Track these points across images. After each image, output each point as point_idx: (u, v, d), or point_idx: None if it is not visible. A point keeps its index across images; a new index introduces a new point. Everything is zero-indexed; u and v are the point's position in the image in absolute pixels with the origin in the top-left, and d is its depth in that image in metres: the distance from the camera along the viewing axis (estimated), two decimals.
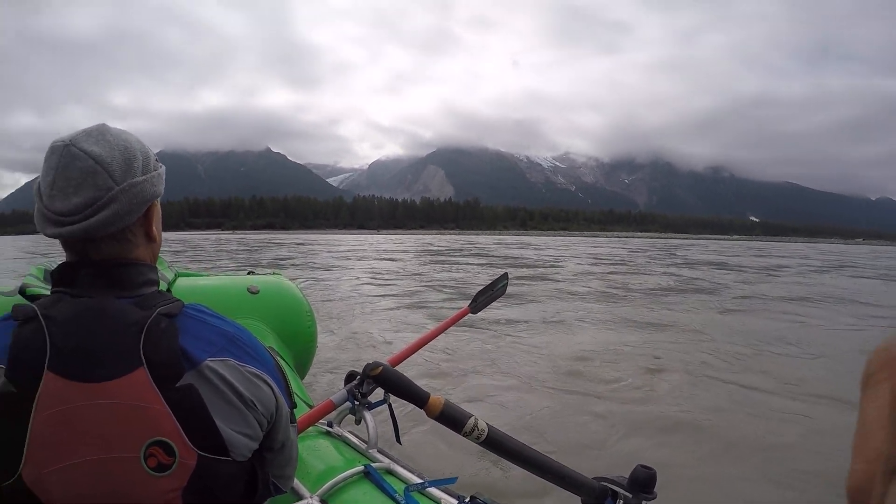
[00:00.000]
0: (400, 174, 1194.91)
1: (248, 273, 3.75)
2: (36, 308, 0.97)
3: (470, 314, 3.20)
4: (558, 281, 17.40)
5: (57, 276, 1.05)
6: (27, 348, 0.93)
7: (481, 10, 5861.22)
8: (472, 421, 1.71)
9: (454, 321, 3.02)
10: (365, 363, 1.99)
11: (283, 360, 2.89)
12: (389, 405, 2.01)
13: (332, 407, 2.05)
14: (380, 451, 1.93)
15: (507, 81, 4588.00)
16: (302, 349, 3.38)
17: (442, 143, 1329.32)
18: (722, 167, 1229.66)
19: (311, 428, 2.00)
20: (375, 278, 17.75)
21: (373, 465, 1.79)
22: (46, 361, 0.92)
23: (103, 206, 0.98)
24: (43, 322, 0.95)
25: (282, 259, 28.71)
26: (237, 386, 1.03)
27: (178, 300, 1.07)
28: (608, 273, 20.93)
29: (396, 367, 2.02)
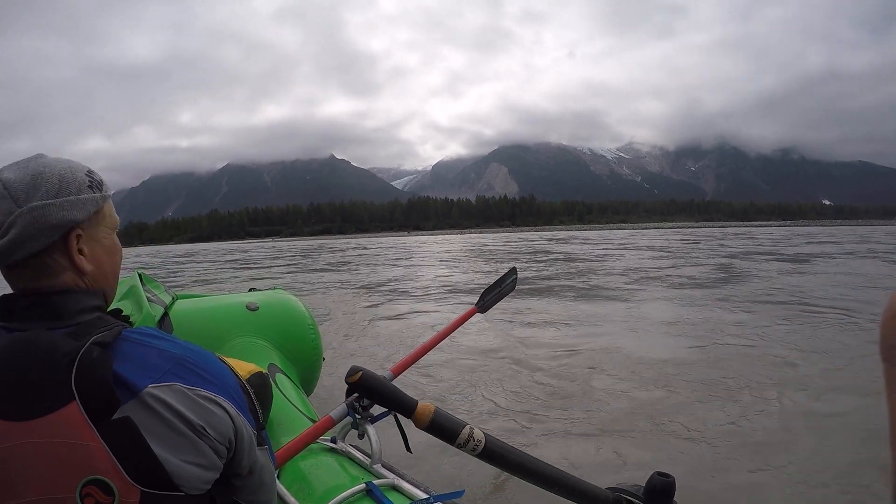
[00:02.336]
0: (463, 173, 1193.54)
1: (250, 290, 3.68)
2: None
3: (478, 313, 3.11)
4: (593, 276, 16.13)
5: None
6: None
7: (531, 3, 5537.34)
8: (466, 430, 1.62)
9: (460, 323, 2.94)
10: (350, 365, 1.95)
11: (287, 376, 2.87)
12: (395, 414, 1.92)
13: (330, 423, 1.99)
14: (384, 466, 1.87)
15: (564, 73, 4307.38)
16: (307, 364, 3.29)
17: (504, 141, 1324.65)
18: (791, 149, 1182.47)
19: (314, 444, 1.94)
20: (391, 282, 17.01)
21: (376, 481, 1.74)
22: None
23: (6, 230, 0.97)
24: None
25: (304, 264, 28.13)
26: (184, 412, 0.96)
27: (119, 325, 1.03)
28: (649, 266, 19.00)
29: (401, 374, 2.03)
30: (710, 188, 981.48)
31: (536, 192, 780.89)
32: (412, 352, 2.66)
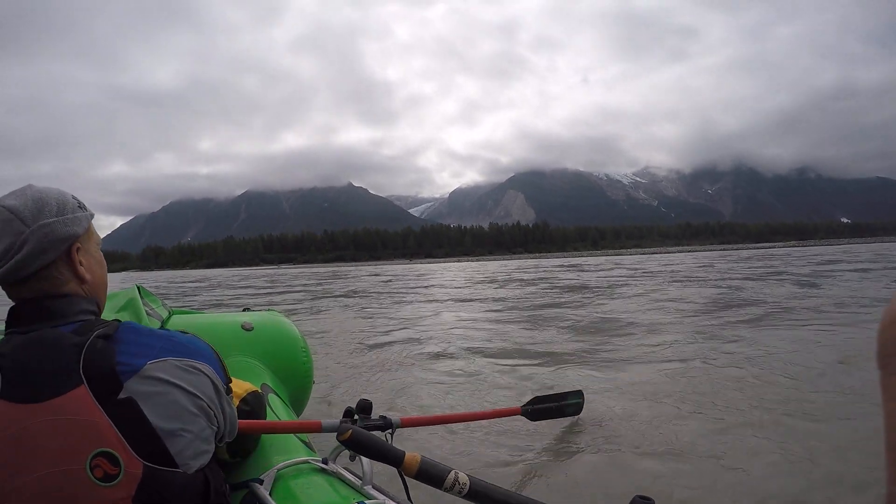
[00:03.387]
0: (480, 201, 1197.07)
1: (244, 310, 3.75)
2: None
3: (521, 416, 3.01)
4: (597, 302, 14.99)
5: (7, 319, 1.18)
6: None
7: (544, 31, 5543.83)
8: (451, 475, 1.69)
9: (497, 415, 2.90)
10: (359, 398, 2.13)
11: (279, 396, 2.91)
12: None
13: (318, 428, 2.12)
14: (375, 487, 1.90)
15: (578, 100, 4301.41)
16: (297, 385, 3.34)
17: (520, 167, 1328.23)
18: (807, 167, 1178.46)
19: (305, 465, 2.01)
20: (381, 309, 16.49)
21: (367, 502, 1.77)
22: None
23: (19, 247, 1.13)
24: None
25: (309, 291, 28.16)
26: (178, 382, 1.13)
27: (115, 321, 1.19)
28: (651, 290, 18.12)
29: (408, 426, 2.14)
30: (728, 210, 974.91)
31: (553, 218, 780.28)
32: (434, 416, 2.70)
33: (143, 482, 1.04)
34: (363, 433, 1.75)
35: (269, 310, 3.78)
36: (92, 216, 1.28)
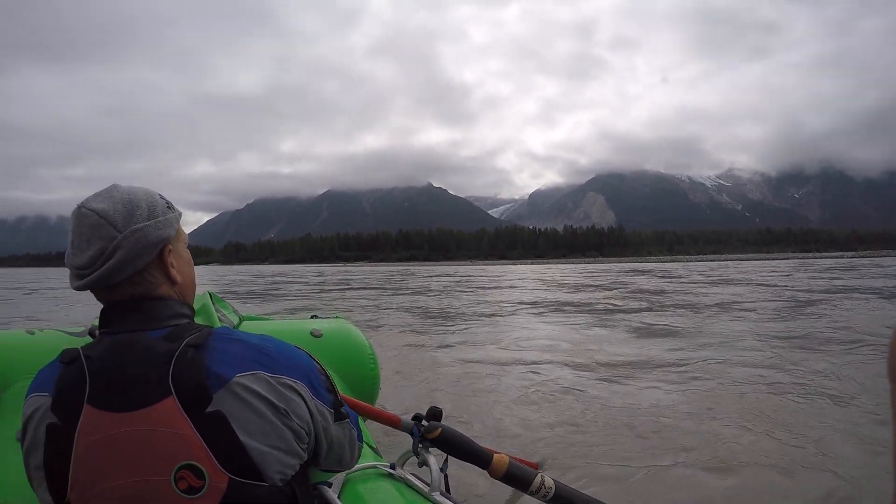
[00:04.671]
0: (559, 202, 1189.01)
1: (312, 317, 3.80)
2: (80, 350, 1.11)
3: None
4: (664, 315, 13.70)
5: (100, 320, 1.18)
6: (69, 386, 1.07)
7: (621, 30, 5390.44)
8: (538, 479, 1.66)
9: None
10: (429, 406, 2.08)
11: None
12: (446, 459, 2.00)
13: (398, 422, 2.09)
14: (443, 494, 1.90)
15: (658, 100, 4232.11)
16: (365, 393, 3.33)
17: (600, 169, 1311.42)
18: None
19: (372, 470, 2.00)
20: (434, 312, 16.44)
21: None
22: (86, 396, 1.04)
23: (111, 253, 1.10)
24: (84, 361, 1.08)
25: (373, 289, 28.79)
26: (268, 396, 1.09)
27: (207, 327, 1.16)
28: (724, 302, 16.70)
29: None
30: (815, 216, 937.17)
31: (634, 221, 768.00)
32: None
33: (226, 495, 1.05)
34: (453, 431, 1.71)
35: (336, 317, 3.80)
36: (180, 215, 1.27)
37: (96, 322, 1.22)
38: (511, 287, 28.79)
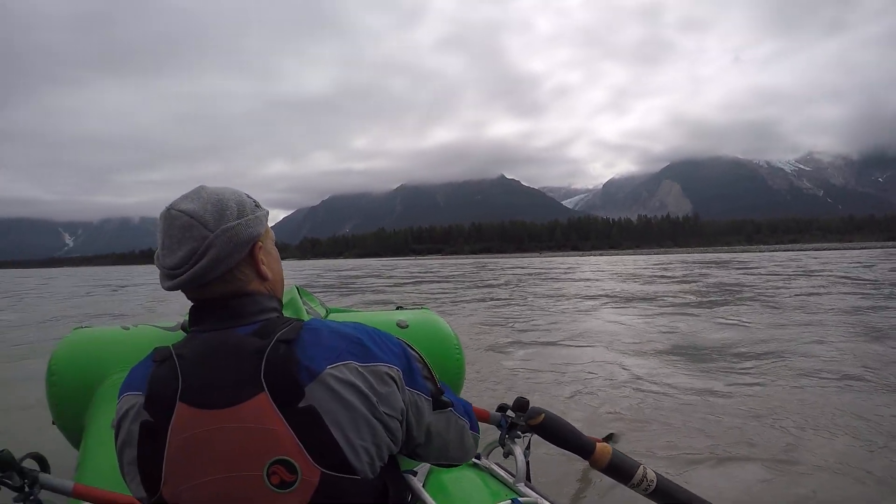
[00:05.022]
0: (634, 191, 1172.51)
1: (397, 308, 3.85)
2: (171, 349, 1.13)
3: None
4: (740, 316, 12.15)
5: (189, 318, 1.21)
6: (162, 384, 1.08)
7: (689, 11, 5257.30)
8: (640, 471, 1.60)
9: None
10: (516, 395, 2.01)
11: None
12: (527, 450, 1.97)
13: (486, 416, 2.02)
14: (527, 485, 1.88)
15: (731, 81, 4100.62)
16: (450, 383, 3.02)
17: (675, 156, 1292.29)
18: None
19: None
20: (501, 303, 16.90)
21: (520, 499, 1.73)
22: (178, 394, 1.06)
23: (203, 253, 1.12)
24: (175, 360, 1.10)
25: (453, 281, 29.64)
26: (359, 387, 1.08)
27: (298, 321, 1.16)
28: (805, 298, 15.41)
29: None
30: None
31: (711, 210, 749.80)
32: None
33: (318, 489, 1.05)
34: (558, 418, 1.65)
35: (422, 308, 3.82)
36: (267, 213, 1.29)
37: (188, 317, 1.23)
38: (581, 279, 28.88)
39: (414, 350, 1.26)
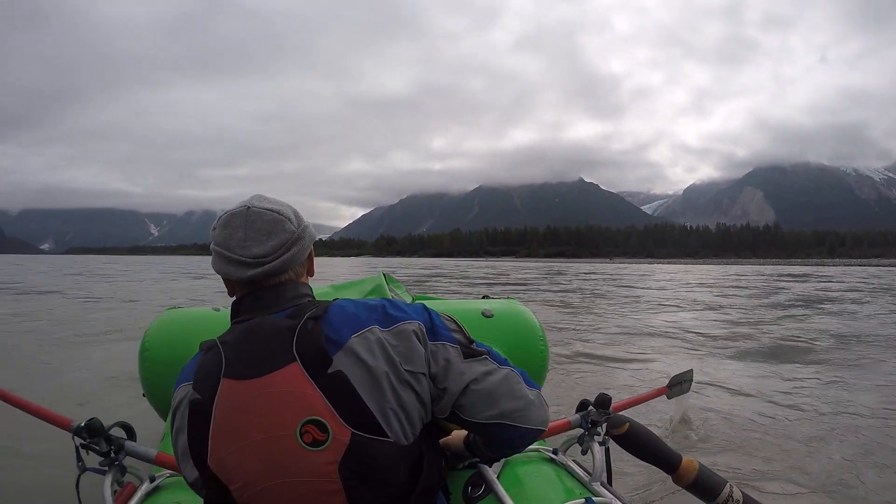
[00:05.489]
0: (716, 198, 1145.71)
1: (483, 297, 3.86)
2: (216, 339, 1.24)
3: (665, 397, 3.17)
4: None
5: (231, 311, 1.33)
6: (208, 367, 1.20)
7: (771, 7, 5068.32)
8: (726, 490, 1.54)
9: (650, 397, 3.03)
10: (598, 393, 2.02)
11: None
12: (607, 449, 1.97)
13: (567, 425, 2.05)
14: (603, 485, 1.87)
15: (818, 82, 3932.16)
16: (533, 374, 2.53)
17: (758, 162, 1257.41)
18: None
19: (534, 453, 2.00)
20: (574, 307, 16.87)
21: (595, 499, 1.73)
22: (222, 372, 1.17)
23: (292, 244, 1.29)
24: (220, 347, 1.21)
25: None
26: (382, 349, 1.19)
27: (326, 302, 1.28)
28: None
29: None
30: None
31: (794, 219, 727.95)
32: (630, 398, 2.74)
33: (350, 448, 1.12)
34: (643, 429, 1.62)
35: (508, 298, 3.78)
36: None
37: (231, 310, 1.30)
38: (653, 288, 28.74)
39: (444, 314, 1.34)
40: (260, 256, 1.25)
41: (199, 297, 20.14)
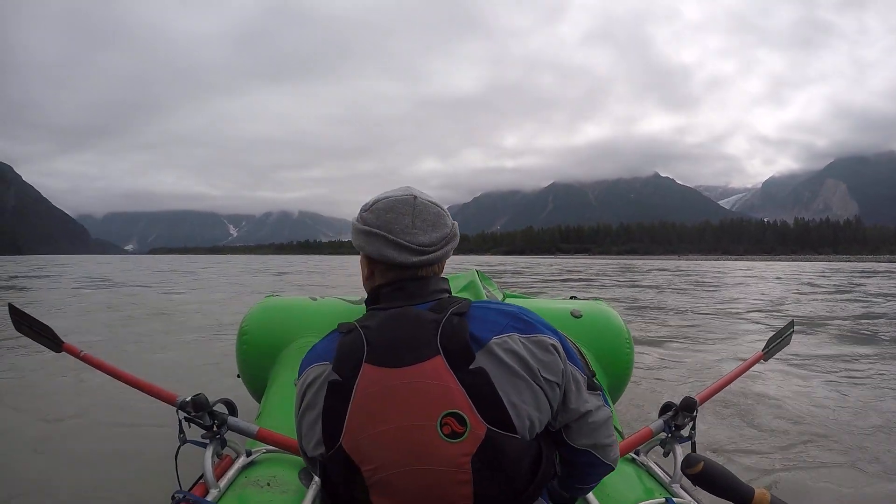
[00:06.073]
0: (795, 191, 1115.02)
1: (571, 298, 3.94)
2: (356, 323, 1.28)
3: (762, 361, 3.12)
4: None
5: (367, 299, 1.39)
6: (349, 349, 1.24)
7: None
8: None
9: (749, 366, 2.97)
10: (683, 396, 2.08)
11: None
12: (693, 443, 2.04)
13: (649, 435, 2.10)
14: (682, 487, 1.91)
15: None
16: (618, 375, 3.37)
17: (839, 152, 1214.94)
18: None
19: None
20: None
21: (674, 500, 1.77)
22: (364, 356, 1.21)
23: (450, 239, 1.35)
24: (361, 331, 1.25)
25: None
26: (522, 355, 1.22)
27: (467, 300, 1.31)
28: None
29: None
30: None
31: (879, 213, 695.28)
32: (713, 385, 2.67)
33: (483, 443, 1.16)
34: (717, 466, 1.61)
35: (596, 299, 3.82)
36: None
37: (368, 297, 1.32)
38: (722, 284, 28.65)
39: (569, 338, 1.38)
40: (425, 245, 1.30)
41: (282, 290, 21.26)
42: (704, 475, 1.58)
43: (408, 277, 1.33)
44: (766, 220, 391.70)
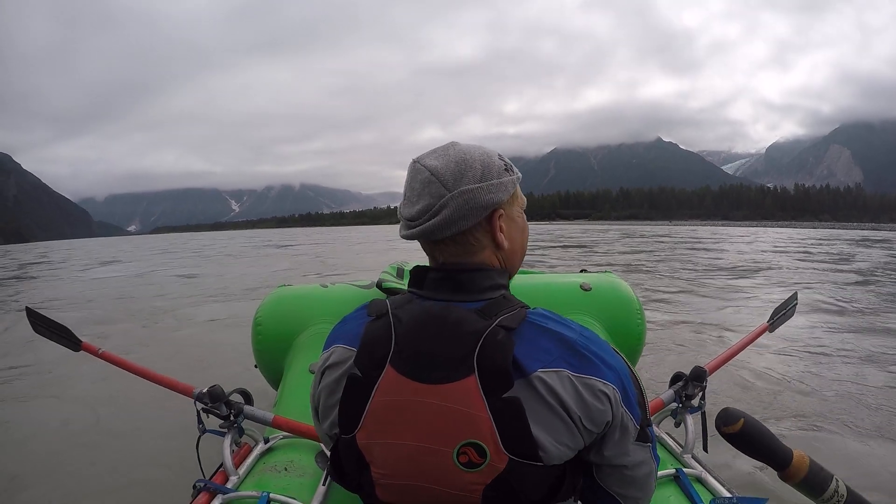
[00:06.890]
0: (800, 157, 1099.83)
1: (581, 271, 3.82)
2: (388, 306, 1.14)
3: (768, 332, 3.05)
4: None
5: (410, 279, 1.21)
6: (374, 343, 1.11)
7: None
8: (833, 484, 1.49)
9: (755, 337, 2.89)
10: (693, 366, 2.02)
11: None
12: (703, 413, 2.00)
13: (660, 405, 2.07)
14: (693, 458, 1.90)
15: None
16: (629, 349, 3.33)
17: (844, 118, 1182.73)
18: None
19: None
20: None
21: (685, 470, 1.76)
22: (389, 357, 1.08)
23: (437, 211, 1.11)
24: (392, 320, 1.11)
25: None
26: (565, 399, 1.05)
27: (524, 307, 1.12)
28: None
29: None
30: None
31: (884, 180, 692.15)
32: (720, 356, 2.61)
33: (503, 473, 1.05)
34: (759, 426, 1.54)
35: (605, 271, 3.76)
36: (519, 179, 1.23)
37: (385, 275, 1.32)
38: (713, 249, 28.50)
39: (632, 371, 1.21)
40: (409, 219, 1.19)
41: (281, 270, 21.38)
42: (743, 435, 1.49)
43: (437, 265, 1.18)
44: (768, 186, 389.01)
